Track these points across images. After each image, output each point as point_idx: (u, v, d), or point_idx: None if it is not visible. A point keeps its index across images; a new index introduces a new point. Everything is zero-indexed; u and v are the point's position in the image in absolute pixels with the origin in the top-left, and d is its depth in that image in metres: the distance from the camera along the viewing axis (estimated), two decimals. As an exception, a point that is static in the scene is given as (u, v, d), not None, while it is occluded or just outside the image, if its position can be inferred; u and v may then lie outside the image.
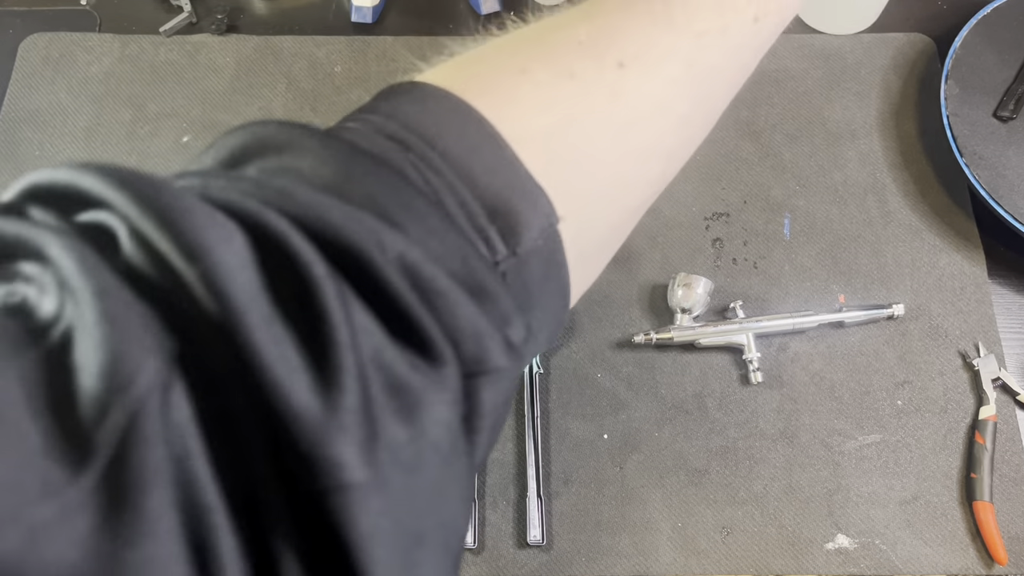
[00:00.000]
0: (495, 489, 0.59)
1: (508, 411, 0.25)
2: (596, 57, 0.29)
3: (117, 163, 0.20)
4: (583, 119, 0.28)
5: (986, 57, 0.70)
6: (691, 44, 0.30)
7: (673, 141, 0.32)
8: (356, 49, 0.74)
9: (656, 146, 0.31)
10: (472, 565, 0.57)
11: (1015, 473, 0.60)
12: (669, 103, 0.30)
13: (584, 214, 0.28)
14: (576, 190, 0.28)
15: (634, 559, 0.57)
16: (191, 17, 0.75)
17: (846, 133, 0.72)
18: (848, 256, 0.67)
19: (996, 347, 0.64)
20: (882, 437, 0.61)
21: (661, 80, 0.30)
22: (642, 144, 0.30)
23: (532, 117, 0.27)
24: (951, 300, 0.65)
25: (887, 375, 0.63)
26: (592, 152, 0.28)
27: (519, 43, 0.30)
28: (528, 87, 0.28)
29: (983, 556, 0.58)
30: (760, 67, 0.78)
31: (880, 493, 0.59)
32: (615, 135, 0.29)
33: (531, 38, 0.30)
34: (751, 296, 0.65)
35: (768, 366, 0.63)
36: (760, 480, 0.60)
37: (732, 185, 0.69)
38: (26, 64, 0.73)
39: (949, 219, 0.68)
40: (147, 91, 0.72)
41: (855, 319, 0.63)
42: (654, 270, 0.66)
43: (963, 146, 0.66)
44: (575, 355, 0.63)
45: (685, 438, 0.61)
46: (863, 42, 0.76)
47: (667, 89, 0.30)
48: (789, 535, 0.58)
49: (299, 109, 0.71)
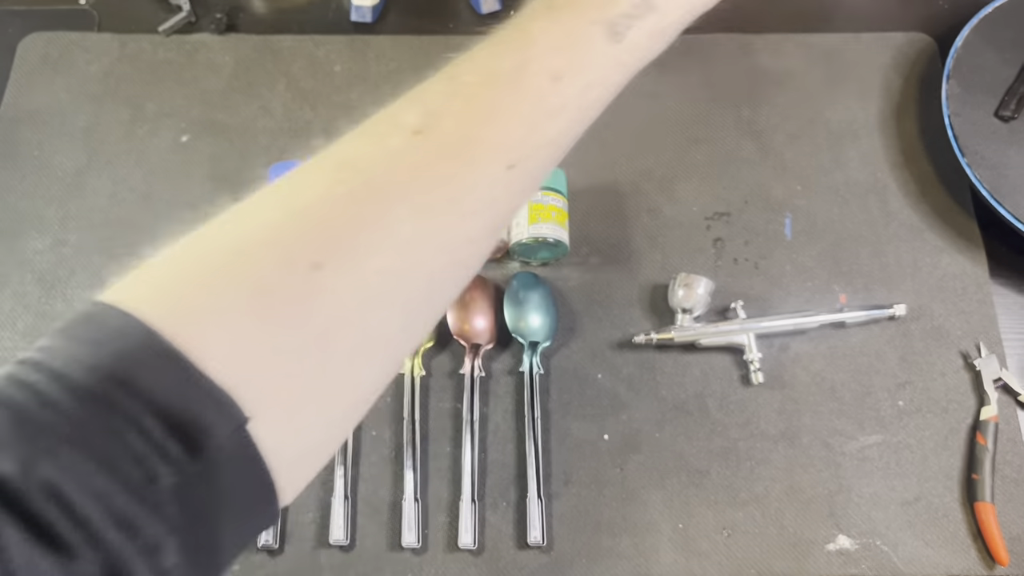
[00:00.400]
0: (495, 490, 0.59)
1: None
2: (289, 262, 0.28)
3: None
4: (279, 328, 0.28)
5: (987, 56, 0.70)
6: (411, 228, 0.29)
7: (398, 323, 0.31)
8: (356, 49, 0.74)
9: (365, 342, 0.30)
10: (472, 566, 0.57)
11: (1016, 474, 0.60)
12: (379, 297, 0.30)
13: (296, 413, 0.29)
14: (274, 392, 0.28)
15: (635, 560, 0.57)
16: (190, 16, 0.75)
17: (847, 133, 0.71)
18: (849, 256, 0.67)
19: (997, 347, 0.64)
20: (883, 438, 0.61)
21: (364, 274, 0.29)
22: (348, 345, 0.30)
23: (222, 332, 0.27)
24: (952, 300, 0.65)
25: (888, 375, 0.63)
26: (286, 361, 0.28)
27: (212, 254, 0.29)
28: (223, 302, 0.28)
29: (984, 557, 0.58)
30: (761, 67, 0.78)
31: (881, 494, 0.59)
32: (315, 341, 0.29)
33: (226, 247, 0.29)
34: (752, 296, 0.65)
35: (769, 366, 0.63)
36: (761, 481, 0.60)
37: (733, 185, 0.69)
38: (25, 63, 0.73)
39: (950, 219, 0.68)
40: (146, 90, 0.72)
41: (856, 319, 0.63)
42: (655, 270, 0.66)
43: (964, 146, 0.66)
44: (575, 355, 0.63)
45: (686, 439, 0.61)
46: (864, 42, 0.75)
47: (374, 282, 0.29)
48: (790, 536, 0.58)
49: (298, 109, 0.71)
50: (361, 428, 0.60)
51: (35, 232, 0.66)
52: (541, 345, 0.62)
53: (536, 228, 0.61)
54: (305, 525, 0.58)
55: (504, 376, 0.62)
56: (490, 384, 0.62)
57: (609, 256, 0.66)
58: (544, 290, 0.63)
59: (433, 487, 0.59)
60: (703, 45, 0.75)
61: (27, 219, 0.67)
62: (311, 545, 0.57)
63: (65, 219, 0.67)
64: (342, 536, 0.56)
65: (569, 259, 0.66)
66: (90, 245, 0.66)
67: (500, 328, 0.63)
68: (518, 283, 0.63)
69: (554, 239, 0.62)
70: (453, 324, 0.62)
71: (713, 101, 0.73)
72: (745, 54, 0.75)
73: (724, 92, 0.73)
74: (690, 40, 0.75)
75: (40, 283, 0.64)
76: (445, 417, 0.61)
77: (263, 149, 0.70)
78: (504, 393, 0.62)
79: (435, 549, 0.57)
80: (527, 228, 0.62)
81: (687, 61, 0.74)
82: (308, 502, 0.58)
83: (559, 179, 0.64)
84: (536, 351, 0.61)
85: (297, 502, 0.58)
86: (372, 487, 0.59)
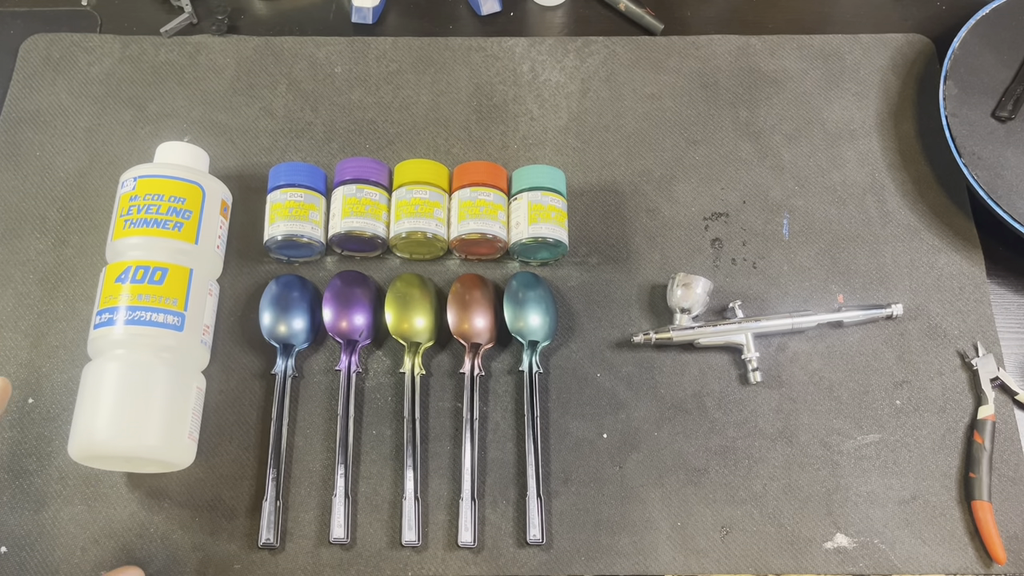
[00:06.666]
0: (495, 488, 0.59)
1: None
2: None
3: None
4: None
5: (985, 57, 0.70)
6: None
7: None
8: (356, 50, 0.75)
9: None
10: (472, 564, 0.57)
11: (1013, 472, 0.60)
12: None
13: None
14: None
15: (633, 558, 0.58)
16: (192, 18, 0.75)
17: (845, 133, 0.72)
18: (847, 256, 0.67)
19: (995, 347, 0.64)
20: (881, 437, 0.61)
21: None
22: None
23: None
24: (950, 300, 0.65)
25: (886, 375, 0.63)
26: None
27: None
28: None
29: (982, 555, 0.58)
30: (759, 68, 0.78)
31: (879, 492, 0.60)
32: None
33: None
34: (750, 296, 0.65)
35: (767, 366, 0.63)
36: (759, 479, 0.60)
37: (731, 185, 0.69)
38: (27, 65, 0.73)
39: (948, 219, 0.68)
40: (148, 92, 0.72)
41: (854, 319, 0.63)
42: (653, 270, 0.66)
43: (962, 146, 0.66)
44: (574, 355, 0.63)
45: (684, 438, 0.61)
46: (862, 42, 0.76)
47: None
48: (788, 534, 0.58)
49: (299, 110, 0.72)
50: (361, 427, 0.61)
51: (37, 233, 0.67)
52: (541, 345, 0.62)
53: (536, 228, 0.62)
54: (305, 523, 0.58)
55: (504, 375, 0.63)
56: (490, 383, 0.62)
57: (608, 256, 0.67)
58: (544, 290, 0.64)
59: (433, 485, 0.59)
60: (701, 46, 0.75)
61: (29, 220, 0.67)
62: (311, 543, 0.57)
63: (67, 220, 0.67)
64: (342, 534, 0.57)
65: (569, 259, 0.67)
66: (92, 246, 0.66)
67: (500, 328, 0.63)
68: (518, 283, 0.63)
69: (553, 239, 0.62)
70: (453, 324, 0.62)
71: (711, 102, 0.73)
72: (743, 55, 0.75)
73: (722, 93, 0.73)
74: (688, 41, 0.76)
75: (42, 284, 0.65)
76: (445, 416, 0.61)
77: (264, 150, 0.70)
78: (504, 392, 0.62)
79: (435, 547, 0.58)
80: (527, 228, 0.62)
81: (685, 62, 0.74)
82: (308, 500, 0.58)
83: (559, 180, 0.64)
84: (536, 351, 0.62)
85: (297, 500, 0.58)
86: (372, 485, 0.59)
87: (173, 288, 0.57)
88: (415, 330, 0.62)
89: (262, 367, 0.62)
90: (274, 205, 0.63)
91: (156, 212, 0.59)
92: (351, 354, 0.61)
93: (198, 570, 0.57)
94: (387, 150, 0.70)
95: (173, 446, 0.55)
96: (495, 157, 0.70)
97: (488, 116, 0.72)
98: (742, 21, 0.77)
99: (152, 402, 0.54)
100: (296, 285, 0.63)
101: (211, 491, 0.59)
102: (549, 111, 0.72)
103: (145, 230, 0.58)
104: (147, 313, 0.56)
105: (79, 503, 0.58)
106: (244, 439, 0.60)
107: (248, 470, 0.59)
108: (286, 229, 0.62)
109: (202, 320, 0.59)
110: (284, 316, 0.62)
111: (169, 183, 0.60)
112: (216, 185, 0.63)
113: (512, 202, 0.64)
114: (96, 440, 0.53)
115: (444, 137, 0.71)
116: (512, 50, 0.75)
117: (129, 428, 0.53)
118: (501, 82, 0.73)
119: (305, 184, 0.63)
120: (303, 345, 0.62)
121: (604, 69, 0.74)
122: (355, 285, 0.64)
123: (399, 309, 0.62)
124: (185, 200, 0.60)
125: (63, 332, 0.63)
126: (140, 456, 0.54)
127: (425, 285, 0.64)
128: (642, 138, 0.71)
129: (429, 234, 0.62)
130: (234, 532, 0.58)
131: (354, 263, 0.66)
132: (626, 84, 0.73)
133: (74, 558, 0.57)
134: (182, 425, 0.56)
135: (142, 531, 0.58)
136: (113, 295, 0.56)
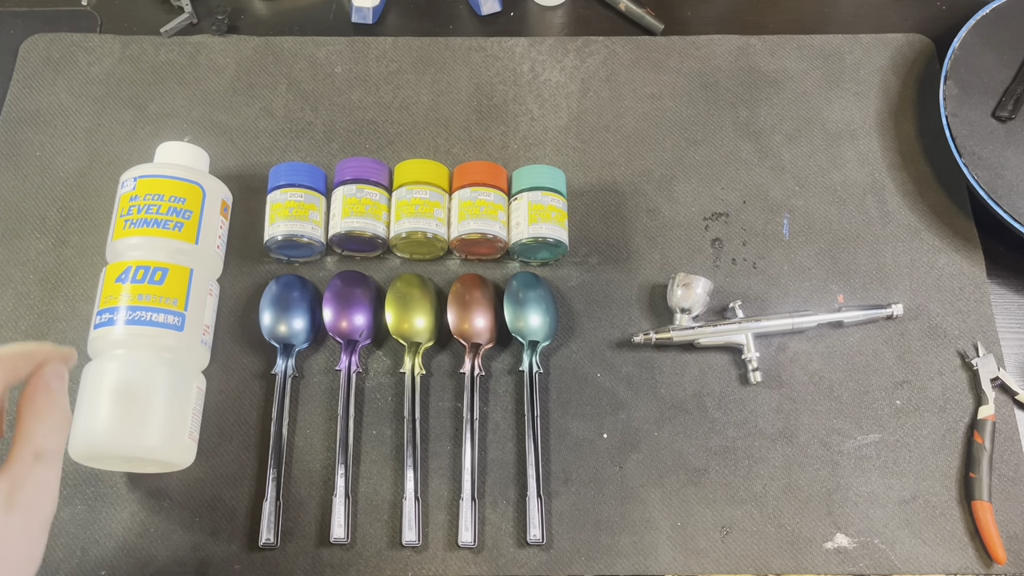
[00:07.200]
0: (495, 489, 0.59)
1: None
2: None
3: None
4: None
5: (985, 57, 0.70)
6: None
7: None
8: (356, 50, 0.75)
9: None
10: (472, 564, 0.57)
11: (1013, 472, 0.60)
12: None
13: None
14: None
15: (633, 558, 0.58)
16: (192, 18, 0.75)
17: (845, 133, 0.72)
18: (847, 256, 0.67)
19: (995, 347, 0.64)
20: (881, 437, 0.61)
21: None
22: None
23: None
24: (950, 300, 0.65)
25: (886, 375, 0.63)
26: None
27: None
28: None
29: (982, 555, 0.58)
30: (759, 68, 0.78)
31: (879, 492, 0.60)
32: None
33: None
34: (750, 296, 0.65)
35: (767, 366, 0.63)
36: (759, 479, 0.60)
37: (731, 185, 0.69)
38: (27, 65, 0.73)
39: (948, 219, 0.68)
40: (148, 92, 0.72)
41: (854, 319, 0.63)
42: (653, 270, 0.66)
43: (962, 146, 0.66)
44: (575, 355, 0.63)
45: (684, 438, 0.61)
46: (862, 42, 0.76)
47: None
48: (788, 534, 0.58)
49: (299, 110, 0.72)
50: (362, 427, 0.61)
51: (37, 233, 0.67)
52: (541, 345, 0.62)
53: (536, 228, 0.62)
54: (305, 523, 0.58)
55: (504, 375, 0.63)
56: (490, 383, 0.62)
57: (608, 256, 0.67)
58: (544, 290, 0.64)
59: (433, 485, 0.59)
60: (701, 46, 0.75)
61: (29, 220, 0.67)
62: (311, 543, 0.57)
63: (67, 220, 0.67)
64: (342, 534, 0.57)
65: (569, 259, 0.67)
66: (92, 246, 0.66)
67: (500, 328, 0.63)
68: (518, 283, 0.63)
69: (554, 239, 0.62)
70: (453, 324, 0.62)
71: (711, 102, 0.73)
72: (743, 55, 0.75)
73: (722, 93, 0.73)
74: (688, 41, 0.75)
75: (42, 284, 0.65)
76: (445, 416, 0.61)
77: (264, 150, 0.70)
78: (504, 392, 0.62)
79: (435, 547, 0.58)
80: (527, 228, 0.62)
81: (685, 62, 0.74)
82: (308, 500, 0.58)
83: (559, 180, 0.64)
84: (536, 350, 0.62)
85: (297, 500, 0.58)
86: (372, 485, 0.59)
87: (173, 288, 0.57)
88: (415, 330, 0.62)
89: (262, 367, 0.62)
90: (274, 205, 0.63)
91: (156, 212, 0.59)
92: (351, 354, 0.61)
93: (198, 570, 0.57)
94: (387, 150, 0.70)
95: (173, 446, 0.55)
96: (495, 157, 0.70)
97: (488, 116, 0.72)
98: (742, 21, 0.77)
99: (152, 402, 0.54)
100: (296, 285, 0.63)
101: (211, 491, 0.59)
102: (549, 111, 0.72)
103: (145, 230, 0.58)
104: (147, 313, 0.56)
105: (79, 503, 0.58)
106: (244, 439, 0.60)
107: (248, 470, 0.59)
108: (286, 229, 0.62)
109: (202, 320, 0.59)
110: (284, 316, 0.62)
111: (169, 183, 0.60)
112: (216, 185, 0.63)
113: (512, 202, 0.64)
114: (96, 440, 0.53)
115: (444, 137, 0.71)
116: (512, 50, 0.75)
117: (129, 428, 0.53)
118: (501, 82, 0.73)
119: (305, 184, 0.63)
120: (303, 345, 0.62)
121: (604, 69, 0.74)
122: (355, 285, 0.64)
123: (399, 309, 0.62)
124: (185, 200, 0.60)
125: (63, 332, 0.63)
126: (140, 456, 0.54)
127: (425, 285, 0.64)
128: (642, 138, 0.71)
129: (429, 234, 0.62)
130: (234, 532, 0.58)
131: (354, 263, 0.66)
132: (626, 84, 0.73)
133: (74, 558, 0.57)
134: (182, 425, 0.56)
135: (142, 531, 0.58)
136: (113, 295, 0.56)
